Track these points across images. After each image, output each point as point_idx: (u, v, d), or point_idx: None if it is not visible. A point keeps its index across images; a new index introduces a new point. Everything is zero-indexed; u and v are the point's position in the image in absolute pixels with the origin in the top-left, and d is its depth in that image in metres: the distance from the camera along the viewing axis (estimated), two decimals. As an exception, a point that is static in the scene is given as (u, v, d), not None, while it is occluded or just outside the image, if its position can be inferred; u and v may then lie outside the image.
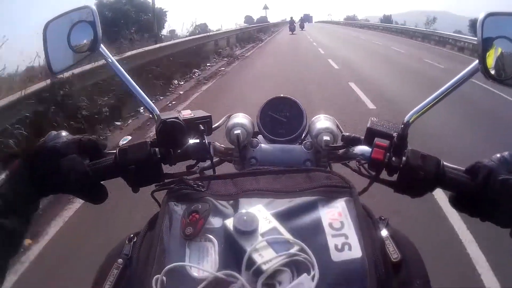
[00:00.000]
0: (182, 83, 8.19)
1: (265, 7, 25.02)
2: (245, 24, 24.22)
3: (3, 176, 0.50)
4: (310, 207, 0.47)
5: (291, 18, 34.03)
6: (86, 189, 0.55)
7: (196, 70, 9.50)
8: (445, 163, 0.58)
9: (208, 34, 13.33)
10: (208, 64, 10.73)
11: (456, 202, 0.57)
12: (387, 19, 29.07)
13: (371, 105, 5.92)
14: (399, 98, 6.64)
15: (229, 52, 13.41)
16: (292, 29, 31.19)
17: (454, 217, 2.61)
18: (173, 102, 6.57)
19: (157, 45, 8.76)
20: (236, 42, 16.78)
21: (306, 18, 64.00)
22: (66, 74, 4.32)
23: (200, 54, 10.91)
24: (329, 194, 0.49)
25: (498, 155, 0.54)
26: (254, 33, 21.80)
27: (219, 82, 8.59)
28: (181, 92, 7.29)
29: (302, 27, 37.58)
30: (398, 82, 8.25)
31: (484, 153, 0.60)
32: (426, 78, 8.51)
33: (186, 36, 12.42)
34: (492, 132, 4.59)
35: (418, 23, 27.53)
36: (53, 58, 0.72)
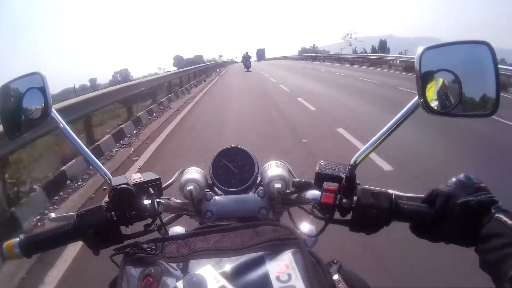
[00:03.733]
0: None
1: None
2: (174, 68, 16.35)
3: None
4: (257, 262, 0.49)
5: (246, 53, 30.06)
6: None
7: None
8: (399, 193, 0.59)
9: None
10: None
11: (416, 230, 0.57)
12: (382, 44, 27.89)
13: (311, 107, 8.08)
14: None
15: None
16: (247, 65, 27.92)
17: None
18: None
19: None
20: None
21: (259, 54, 55.53)
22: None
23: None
24: (276, 247, 0.50)
25: (454, 179, 0.55)
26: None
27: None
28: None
29: (247, 66, 28.31)
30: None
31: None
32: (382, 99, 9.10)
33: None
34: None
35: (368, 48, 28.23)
36: (9, 124, 0.73)
